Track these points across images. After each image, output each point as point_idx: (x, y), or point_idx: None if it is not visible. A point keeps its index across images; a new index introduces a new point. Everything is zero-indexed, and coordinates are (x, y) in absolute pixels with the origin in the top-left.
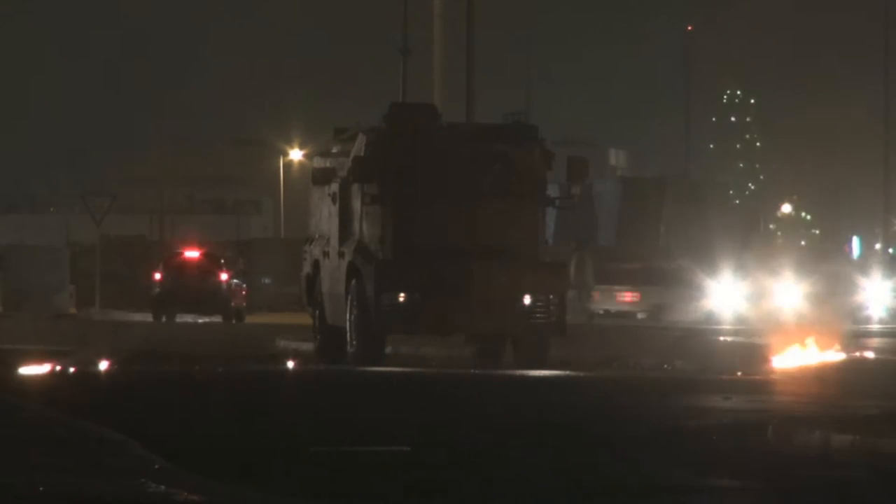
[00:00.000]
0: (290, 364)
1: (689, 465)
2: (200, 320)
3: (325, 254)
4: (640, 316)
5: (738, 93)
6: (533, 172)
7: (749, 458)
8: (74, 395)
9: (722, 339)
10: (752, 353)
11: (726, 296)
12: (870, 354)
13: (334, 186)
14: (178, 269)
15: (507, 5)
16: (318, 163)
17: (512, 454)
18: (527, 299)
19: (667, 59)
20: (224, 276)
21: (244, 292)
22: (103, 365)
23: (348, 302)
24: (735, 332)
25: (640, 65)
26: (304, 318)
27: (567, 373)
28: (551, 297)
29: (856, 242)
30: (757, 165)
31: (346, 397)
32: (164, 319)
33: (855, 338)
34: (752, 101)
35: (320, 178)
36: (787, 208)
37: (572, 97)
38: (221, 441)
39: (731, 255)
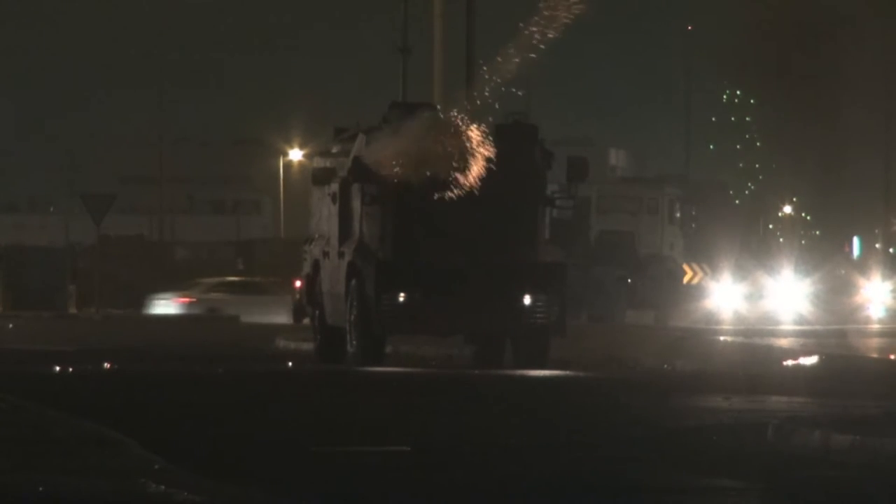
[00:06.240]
0: (290, 364)
1: (689, 465)
2: None
3: (325, 254)
4: None
5: (738, 93)
6: (533, 172)
7: (749, 458)
8: (74, 394)
9: (722, 339)
10: (752, 353)
11: (726, 296)
12: (872, 354)
13: (334, 186)
14: None
15: (507, 5)
16: (318, 163)
17: (511, 454)
18: (527, 299)
19: (667, 58)
20: None
21: None
22: (103, 364)
23: (348, 302)
24: (735, 332)
25: (640, 64)
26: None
27: (567, 373)
28: (551, 297)
29: (856, 242)
30: (757, 165)
31: (346, 397)
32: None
33: (855, 338)
34: (752, 101)
35: (320, 178)
36: (787, 208)
37: (572, 97)
38: (221, 441)
39: (730, 255)
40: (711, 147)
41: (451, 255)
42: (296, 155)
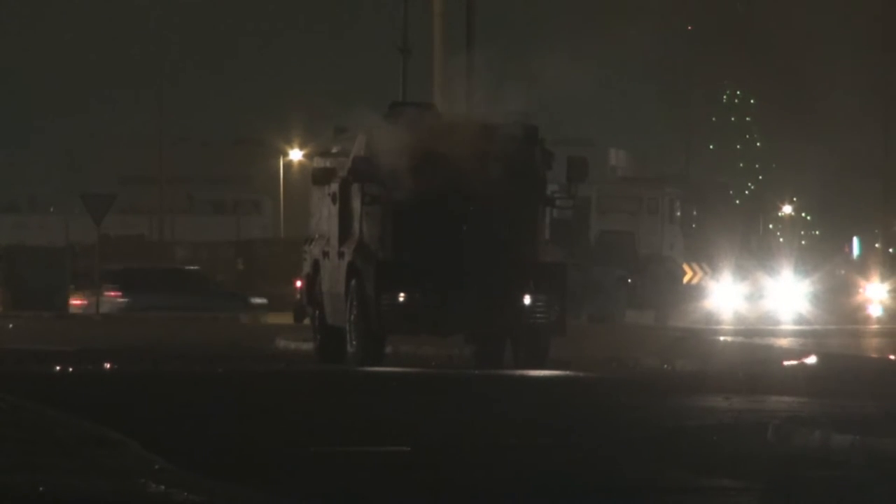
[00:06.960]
0: (290, 364)
1: (689, 465)
2: None
3: (325, 254)
4: None
5: (738, 93)
6: (533, 172)
7: (749, 458)
8: (74, 394)
9: (722, 339)
10: (752, 353)
11: (726, 296)
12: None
13: (334, 186)
14: None
15: (507, 5)
16: (318, 163)
17: (511, 454)
18: (527, 299)
19: (667, 58)
20: None
21: None
22: (103, 364)
23: (348, 302)
24: (735, 332)
25: (640, 64)
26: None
27: (567, 373)
28: (551, 297)
29: (856, 242)
30: (757, 165)
31: (347, 397)
32: None
33: (854, 338)
34: (752, 101)
35: (320, 178)
36: (787, 208)
37: (572, 97)
38: (221, 441)
39: (730, 255)
40: (711, 147)
41: (450, 254)
42: (296, 155)
